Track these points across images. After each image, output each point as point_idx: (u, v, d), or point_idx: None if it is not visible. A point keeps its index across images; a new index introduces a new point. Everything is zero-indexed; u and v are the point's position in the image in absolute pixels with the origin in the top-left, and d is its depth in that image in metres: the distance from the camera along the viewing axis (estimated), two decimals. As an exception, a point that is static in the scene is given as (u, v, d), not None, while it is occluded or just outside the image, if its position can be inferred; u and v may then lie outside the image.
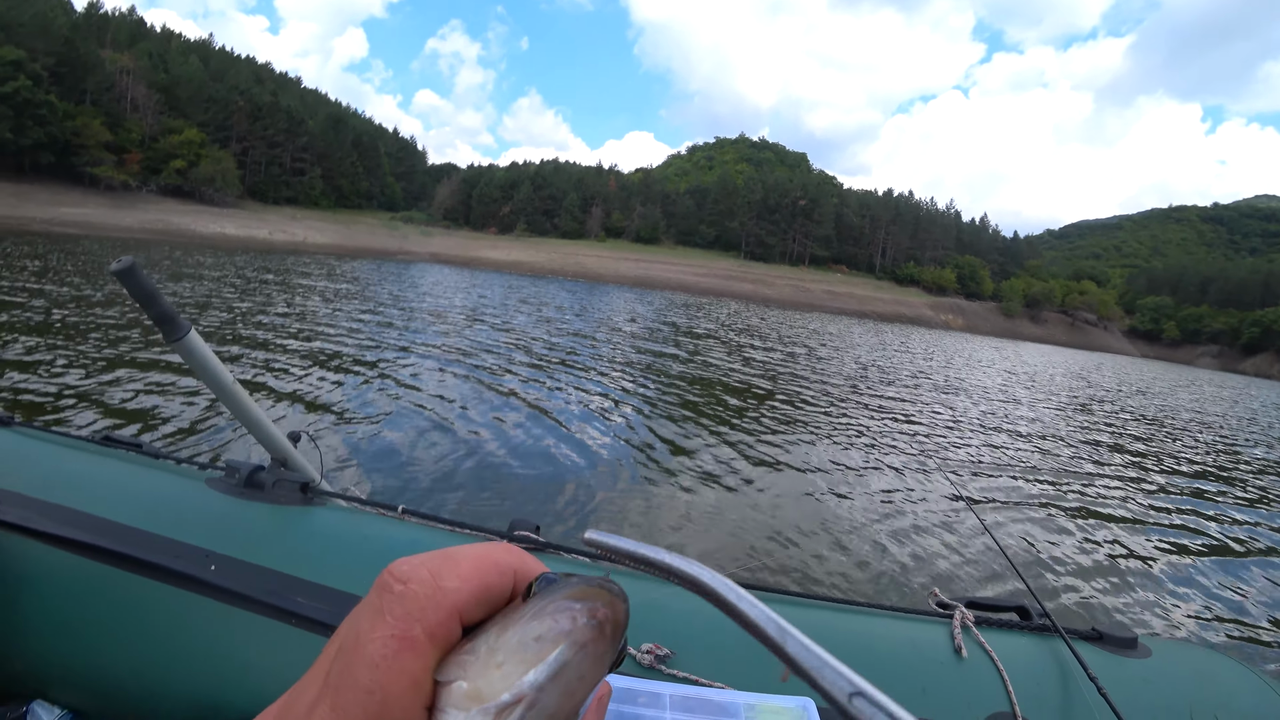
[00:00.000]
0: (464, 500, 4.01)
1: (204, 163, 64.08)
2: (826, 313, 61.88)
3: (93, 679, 0.98)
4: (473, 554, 0.25)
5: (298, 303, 12.66)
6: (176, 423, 4.52)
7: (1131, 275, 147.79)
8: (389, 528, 1.13)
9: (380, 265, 33.04)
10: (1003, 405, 12.62)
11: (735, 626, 0.87)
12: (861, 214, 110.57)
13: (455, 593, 0.23)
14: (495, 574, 0.25)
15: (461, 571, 0.24)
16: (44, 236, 24.40)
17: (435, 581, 0.23)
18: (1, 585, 1.01)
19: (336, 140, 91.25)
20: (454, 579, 0.24)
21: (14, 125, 49.22)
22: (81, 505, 1.06)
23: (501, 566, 0.25)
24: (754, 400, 8.59)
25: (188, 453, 3.95)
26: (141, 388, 5.25)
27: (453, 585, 0.23)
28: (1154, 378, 35.99)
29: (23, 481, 1.10)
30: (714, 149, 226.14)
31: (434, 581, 0.23)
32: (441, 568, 0.24)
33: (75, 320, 7.77)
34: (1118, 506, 6.04)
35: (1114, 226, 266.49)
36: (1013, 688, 0.90)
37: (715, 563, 3.52)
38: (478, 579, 0.24)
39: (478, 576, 0.24)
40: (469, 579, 0.24)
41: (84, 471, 1.16)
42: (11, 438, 1.23)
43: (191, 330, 1.03)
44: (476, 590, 0.24)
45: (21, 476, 1.11)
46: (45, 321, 7.48)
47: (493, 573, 0.25)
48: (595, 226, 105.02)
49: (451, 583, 0.23)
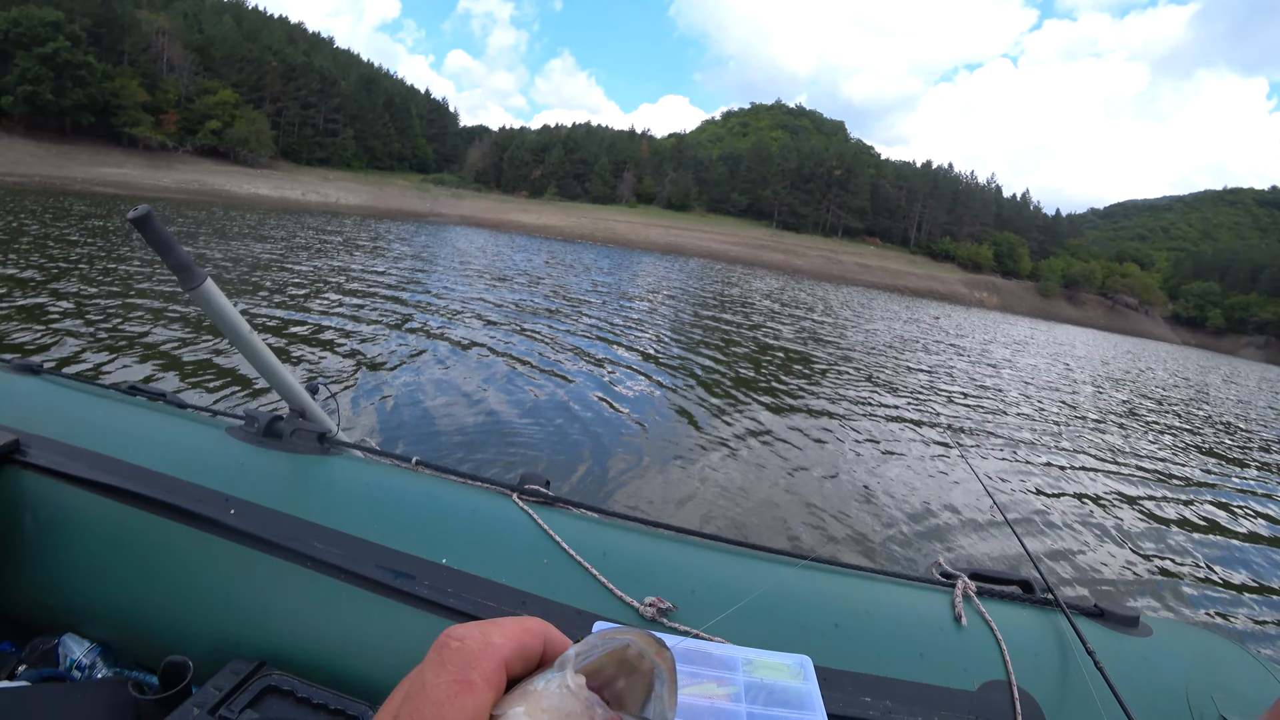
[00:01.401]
0: (477, 453, 4.07)
1: (238, 123, 64.67)
2: (857, 286, 60.84)
3: (119, 615, 1.03)
4: (512, 621, 0.30)
5: (327, 259, 12.83)
6: (201, 374, 4.65)
7: (1178, 259, 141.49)
8: (403, 478, 1.15)
9: (411, 227, 33.28)
10: (1029, 384, 12.36)
11: (737, 584, 1.00)
12: (898, 185, 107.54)
13: (502, 647, 0.28)
14: (529, 637, 0.29)
15: (505, 632, 0.29)
16: (85, 196, 24.98)
17: (485, 638, 0.28)
18: (34, 525, 1.06)
19: (369, 101, 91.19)
20: (499, 637, 0.28)
21: (55, 86, 50.06)
22: (108, 450, 1.10)
23: (534, 631, 0.30)
24: (771, 367, 8.53)
25: (211, 402, 4.06)
26: (167, 338, 5.39)
27: (499, 641, 0.28)
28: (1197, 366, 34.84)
29: (53, 428, 1.14)
30: (749, 115, 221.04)
31: (484, 639, 0.28)
32: (489, 629, 0.29)
33: (108, 275, 7.98)
34: (1135, 488, 5.94)
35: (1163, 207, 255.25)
36: (1010, 658, 0.91)
37: (717, 521, 3.54)
38: (517, 639, 0.29)
39: (516, 637, 0.29)
40: (510, 638, 0.28)
41: (110, 419, 1.19)
42: (41, 385, 1.26)
43: (208, 279, 1.04)
44: (517, 648, 0.28)
45: (51, 423, 1.15)
46: (85, 275, 7.69)
47: (527, 636, 0.29)
48: (626, 192, 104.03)
49: (498, 639, 0.28)
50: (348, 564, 0.95)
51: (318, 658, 0.93)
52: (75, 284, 7.04)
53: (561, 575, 0.97)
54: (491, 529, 1.04)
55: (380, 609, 0.93)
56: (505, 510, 1.09)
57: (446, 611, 0.91)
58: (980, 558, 3.80)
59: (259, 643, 0.94)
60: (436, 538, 1.01)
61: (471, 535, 1.02)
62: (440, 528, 1.03)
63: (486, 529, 1.04)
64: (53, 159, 43.33)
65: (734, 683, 0.72)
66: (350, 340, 6.42)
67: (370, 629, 0.93)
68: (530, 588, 0.95)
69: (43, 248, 9.51)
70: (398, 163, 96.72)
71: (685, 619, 0.90)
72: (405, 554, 0.98)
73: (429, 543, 1.00)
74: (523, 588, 0.95)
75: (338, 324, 7.03)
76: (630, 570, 0.98)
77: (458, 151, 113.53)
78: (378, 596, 0.94)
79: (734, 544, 1.09)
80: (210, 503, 1.03)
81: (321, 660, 0.93)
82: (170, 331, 5.61)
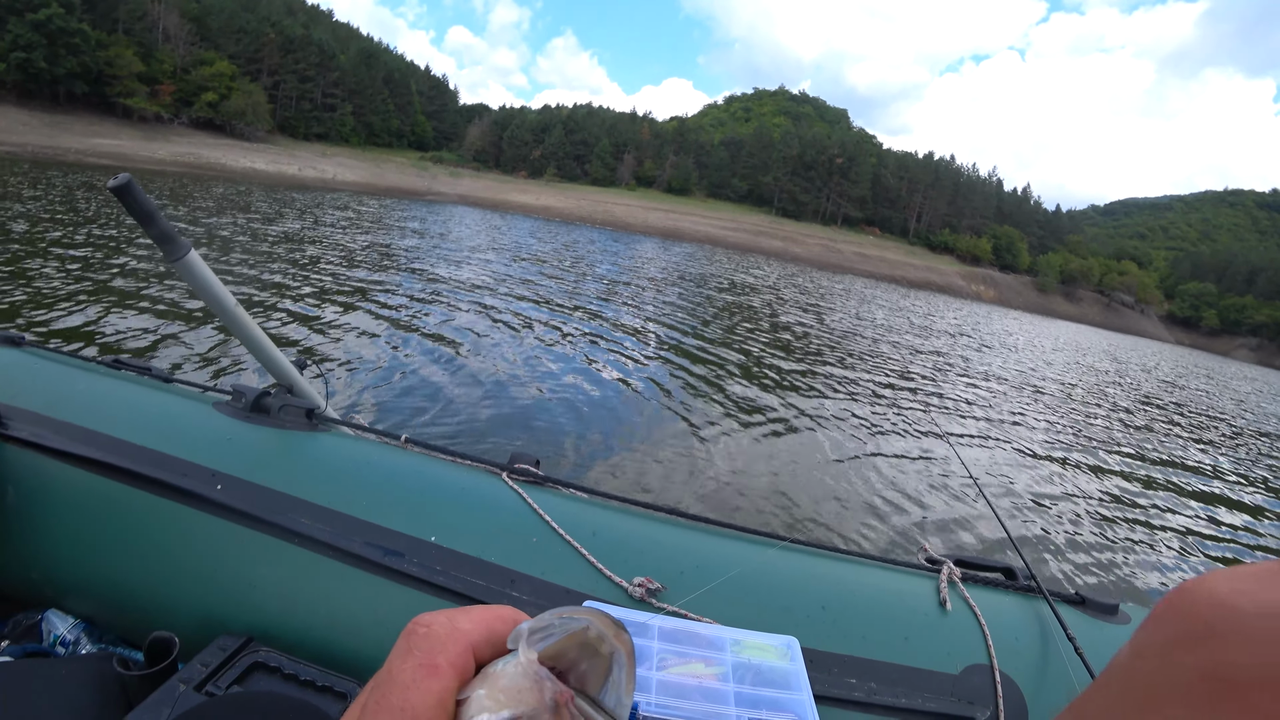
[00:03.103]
0: (467, 431, 4.07)
1: (235, 96, 63.80)
2: (855, 275, 60.75)
3: (103, 591, 1.02)
4: (482, 608, 0.30)
5: (320, 235, 12.73)
6: (188, 348, 4.62)
7: (1176, 259, 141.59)
8: (391, 455, 1.14)
9: (408, 205, 33.00)
10: (1020, 377, 12.41)
11: (726, 566, 0.99)
12: (899, 175, 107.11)
13: (469, 633, 0.28)
14: (500, 623, 0.29)
15: (473, 618, 0.29)
16: (78, 167, 24.69)
17: (452, 624, 0.28)
18: (16, 499, 1.04)
19: (368, 76, 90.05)
20: (467, 623, 0.28)
21: (48, 54, 49.18)
22: (92, 424, 1.08)
23: (505, 618, 0.30)
24: (763, 354, 8.54)
25: (198, 377, 4.05)
26: (152, 311, 5.35)
27: (466, 627, 0.28)
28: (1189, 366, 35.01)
29: (35, 400, 1.12)
30: (752, 100, 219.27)
31: (451, 624, 0.28)
32: (457, 615, 0.29)
33: (93, 246, 7.91)
34: (1116, 480, 6.00)
35: (1163, 206, 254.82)
36: (993, 642, 0.93)
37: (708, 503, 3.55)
38: (485, 625, 0.29)
39: (486, 623, 0.29)
40: (479, 624, 0.29)
41: (95, 392, 1.18)
42: (23, 358, 1.24)
43: (191, 250, 1.03)
44: (485, 633, 0.28)
45: (34, 396, 1.13)
46: (69, 245, 7.61)
47: (497, 622, 0.29)
48: (626, 174, 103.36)
49: (465, 625, 0.28)
50: (335, 540, 0.95)
51: (305, 634, 0.93)
52: (59, 255, 6.97)
53: (550, 554, 0.96)
54: (480, 507, 1.04)
55: (368, 586, 0.93)
56: (494, 489, 1.08)
57: (434, 589, 0.91)
58: (965, 545, 3.84)
59: (246, 619, 0.94)
60: (425, 515, 1.00)
61: (460, 513, 1.02)
62: (429, 505, 1.03)
63: (475, 507, 1.04)
64: (45, 129, 42.72)
65: (721, 663, 0.72)
66: (340, 316, 6.39)
67: (358, 605, 0.93)
68: (519, 566, 0.95)
69: (29, 218, 9.41)
70: (396, 139, 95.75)
71: (674, 599, 0.90)
72: (393, 531, 0.97)
73: (417, 520, 0.99)
74: (511, 566, 0.94)
75: (328, 300, 7.00)
76: (619, 550, 0.98)
77: (457, 129, 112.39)
78: (365, 573, 0.93)
79: (723, 526, 1.10)
80: (197, 477, 1.01)
81: (309, 636, 0.93)
82: (156, 305, 5.56)
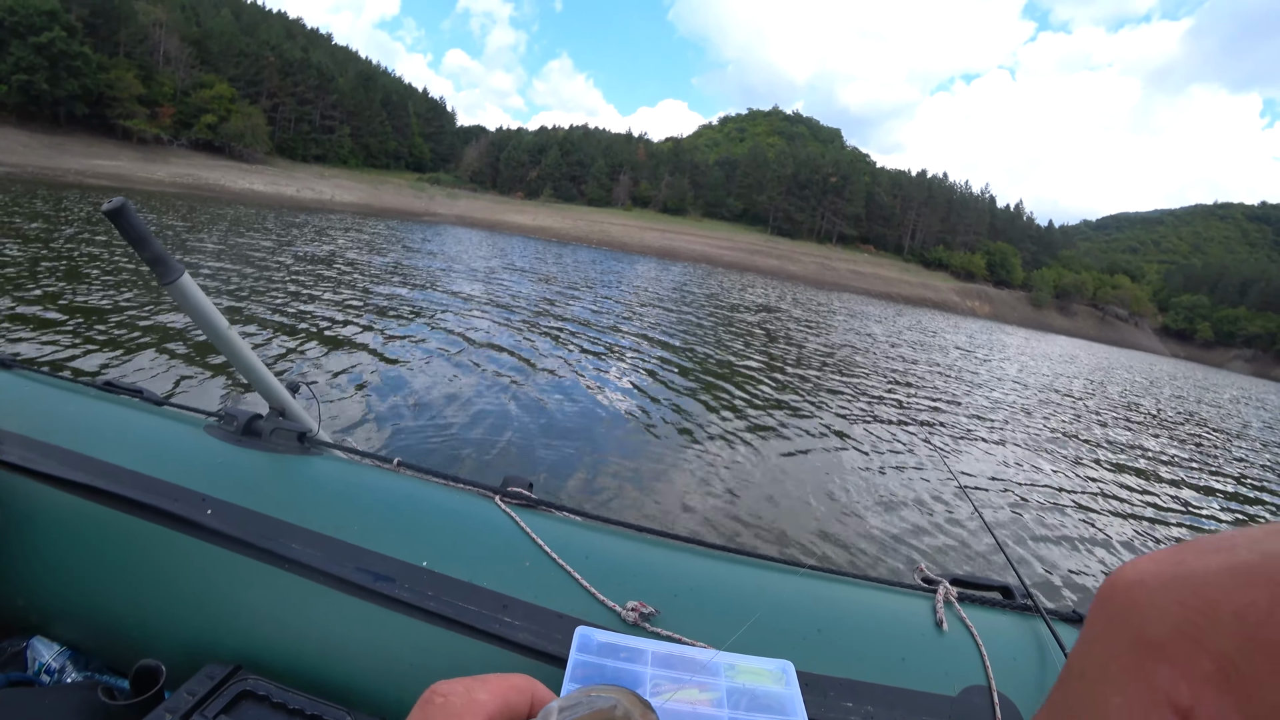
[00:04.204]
0: (459, 455, 4.05)
1: (234, 118, 64.43)
2: (850, 292, 61.08)
3: (90, 617, 1.00)
4: (498, 678, 0.30)
5: (316, 256, 12.76)
6: (179, 371, 4.61)
7: (1169, 272, 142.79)
8: (384, 479, 1.13)
9: (405, 226, 33.16)
10: (1012, 394, 12.43)
11: (720, 589, 0.98)
12: (893, 193, 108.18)
13: (485, 704, 0.28)
14: (515, 693, 0.30)
15: (490, 688, 0.29)
16: (77, 188, 24.80)
17: (469, 695, 0.28)
18: (3, 524, 1.02)
19: (366, 99, 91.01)
20: (484, 694, 0.29)
21: (49, 76, 49.76)
22: (81, 448, 1.07)
23: (521, 688, 0.30)
24: (757, 373, 8.54)
25: (188, 400, 4.03)
26: (143, 334, 5.34)
27: (484, 698, 0.28)
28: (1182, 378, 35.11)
29: (23, 423, 1.10)
30: (746, 120, 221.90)
31: (468, 695, 0.28)
32: (474, 685, 0.29)
33: (84, 268, 7.91)
34: (1112, 498, 5.97)
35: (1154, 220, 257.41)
36: (990, 662, 0.92)
37: (702, 525, 3.54)
38: (501, 696, 0.29)
39: (502, 694, 0.29)
40: (495, 695, 0.29)
41: (84, 415, 1.16)
42: (12, 380, 1.23)
43: (184, 273, 1.02)
44: (501, 704, 0.29)
45: (22, 418, 1.12)
46: (60, 267, 7.62)
47: (513, 692, 0.30)
48: (622, 195, 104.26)
49: (483, 696, 0.28)
50: (326, 566, 0.94)
51: (295, 661, 0.91)
52: (49, 277, 6.98)
53: (543, 579, 0.96)
54: (473, 531, 1.03)
55: (359, 612, 0.92)
56: (487, 513, 1.07)
57: (426, 615, 0.90)
58: (962, 564, 3.81)
59: (234, 646, 0.92)
60: (417, 540, 0.99)
61: (453, 538, 1.01)
62: (421, 530, 1.01)
63: (468, 531, 1.03)
64: (45, 149, 43.01)
65: (716, 688, 0.71)
66: (333, 339, 6.38)
67: (349, 632, 0.92)
68: (511, 591, 0.94)
69: (19, 238, 9.43)
70: (394, 161, 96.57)
71: (667, 623, 0.89)
72: (385, 556, 0.96)
73: (409, 545, 0.98)
74: (504, 591, 0.93)
75: (322, 323, 6.99)
76: (613, 574, 0.97)
77: (454, 151, 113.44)
78: (357, 599, 0.92)
79: (717, 549, 1.09)
80: (186, 502, 1.00)
81: (299, 664, 0.91)
82: (147, 327, 5.56)
